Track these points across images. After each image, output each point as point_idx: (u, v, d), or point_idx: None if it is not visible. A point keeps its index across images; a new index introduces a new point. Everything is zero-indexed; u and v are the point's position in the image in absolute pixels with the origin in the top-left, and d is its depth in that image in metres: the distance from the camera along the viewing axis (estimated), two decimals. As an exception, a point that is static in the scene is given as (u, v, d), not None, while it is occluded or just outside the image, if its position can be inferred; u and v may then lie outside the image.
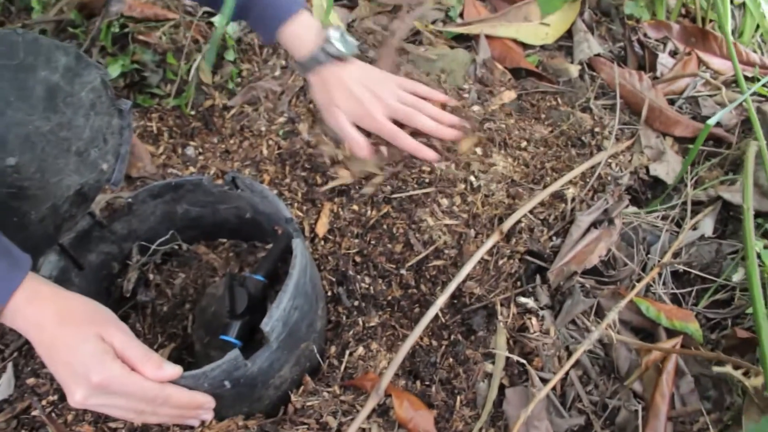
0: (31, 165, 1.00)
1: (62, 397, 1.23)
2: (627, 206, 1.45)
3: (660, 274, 1.39)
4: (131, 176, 1.62)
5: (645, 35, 1.87)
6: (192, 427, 1.15)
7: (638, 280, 1.38)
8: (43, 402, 1.22)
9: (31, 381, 1.26)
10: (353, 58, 1.33)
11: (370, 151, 1.30)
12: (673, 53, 1.87)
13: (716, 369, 1.14)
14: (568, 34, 1.89)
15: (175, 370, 1.00)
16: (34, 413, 1.22)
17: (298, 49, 1.31)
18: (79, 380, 0.94)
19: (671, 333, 1.32)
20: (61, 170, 1.06)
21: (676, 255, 1.40)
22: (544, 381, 1.24)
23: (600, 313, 1.36)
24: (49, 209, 1.08)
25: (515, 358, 1.27)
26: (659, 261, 1.39)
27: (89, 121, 1.08)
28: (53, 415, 1.21)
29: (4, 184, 0.97)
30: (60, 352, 0.94)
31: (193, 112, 1.75)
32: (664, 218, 1.47)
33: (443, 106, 1.37)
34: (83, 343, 0.94)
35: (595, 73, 1.79)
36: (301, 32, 1.29)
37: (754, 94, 1.61)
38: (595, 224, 1.42)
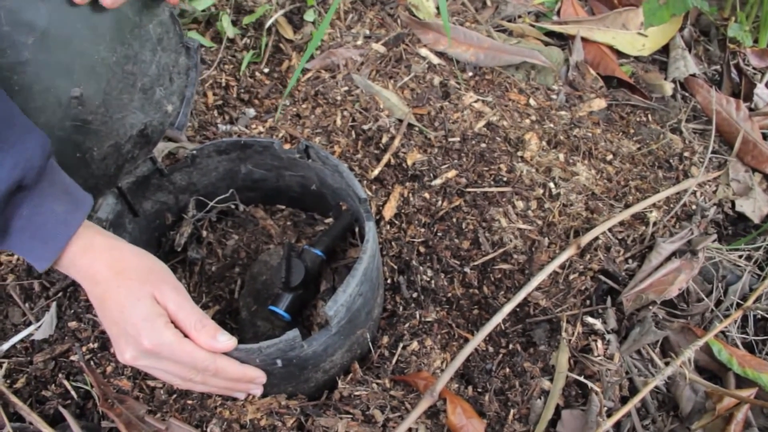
0: (96, 98, 0.95)
1: (103, 346, 1.18)
2: (714, 241, 1.38)
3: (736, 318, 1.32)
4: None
5: (745, 61, 1.78)
6: (234, 399, 1.10)
7: (711, 319, 1.31)
8: (84, 348, 1.18)
9: (73, 324, 1.21)
10: None
11: None
12: (770, 85, 1.78)
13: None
14: (664, 49, 1.80)
15: (230, 342, 0.95)
16: (72, 358, 1.18)
17: None
18: (129, 341, 0.90)
19: (740, 380, 1.25)
20: (125, 106, 1.01)
21: (756, 299, 1.32)
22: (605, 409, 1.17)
23: (666, 346, 1.29)
24: (112, 147, 1.03)
25: (575, 377, 1.21)
26: (741, 304, 1.31)
27: (156, 56, 1.03)
28: (92, 363, 1.16)
29: (68, 116, 0.92)
30: (112, 310, 0.90)
31: (266, 70, 1.69)
32: (747, 258, 1.40)
33: None
34: (136, 304, 0.89)
35: (688, 94, 1.70)
36: None
37: None
38: (675, 253, 1.35)
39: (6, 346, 1.21)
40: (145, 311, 0.89)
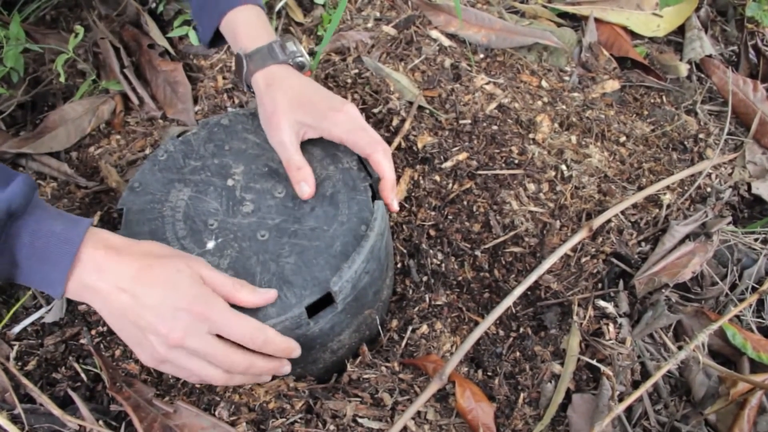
0: None
1: (111, 330, 1.18)
2: (729, 223, 1.35)
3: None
4: (167, 116, 1.58)
5: (764, 42, 1.75)
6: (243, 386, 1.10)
7: (726, 303, 1.29)
8: (92, 332, 1.18)
9: (82, 307, 1.22)
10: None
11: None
12: (789, 65, 1.75)
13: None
14: (680, 30, 1.78)
15: (270, 292, 0.96)
16: (82, 341, 1.18)
17: (249, 38, 1.13)
18: (178, 316, 0.86)
19: (754, 365, 1.23)
20: None
21: (772, 283, 1.31)
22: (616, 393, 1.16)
23: (679, 330, 1.28)
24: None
25: (587, 360, 1.19)
26: (756, 287, 1.29)
27: None
28: (101, 347, 1.17)
29: None
30: (156, 287, 0.87)
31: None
32: (763, 242, 1.38)
33: None
34: (178, 274, 0.88)
35: (703, 75, 1.68)
36: (256, 21, 1.15)
37: None
38: (689, 236, 1.33)
39: (17, 329, 1.21)
40: (189, 280, 0.88)
